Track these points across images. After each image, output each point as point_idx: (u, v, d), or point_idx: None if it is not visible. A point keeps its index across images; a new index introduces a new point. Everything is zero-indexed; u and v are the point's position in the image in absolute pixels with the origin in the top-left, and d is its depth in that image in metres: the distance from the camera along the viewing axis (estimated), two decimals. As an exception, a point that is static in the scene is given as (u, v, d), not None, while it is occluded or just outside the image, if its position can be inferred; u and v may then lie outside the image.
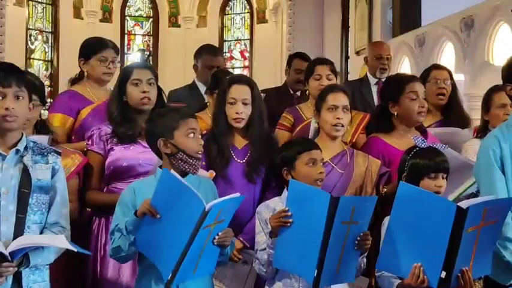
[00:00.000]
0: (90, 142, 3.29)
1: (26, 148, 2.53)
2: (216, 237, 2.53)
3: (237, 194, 2.55)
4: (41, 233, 2.52)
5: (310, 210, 2.58)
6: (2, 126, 2.48)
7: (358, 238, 2.62)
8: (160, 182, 2.52)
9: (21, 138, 2.54)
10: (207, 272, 2.66)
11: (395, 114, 3.47)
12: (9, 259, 2.32)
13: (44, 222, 2.54)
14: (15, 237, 2.40)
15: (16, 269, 2.38)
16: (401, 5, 10.07)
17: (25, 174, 2.49)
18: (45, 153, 2.59)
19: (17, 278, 2.45)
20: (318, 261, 2.55)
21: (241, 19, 15.72)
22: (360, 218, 2.60)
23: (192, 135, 2.72)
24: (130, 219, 2.57)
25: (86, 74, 3.89)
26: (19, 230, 2.44)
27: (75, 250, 2.41)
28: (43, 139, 2.91)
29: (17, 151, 2.51)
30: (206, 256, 2.55)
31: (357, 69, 9.32)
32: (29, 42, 14.31)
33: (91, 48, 3.89)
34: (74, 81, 3.96)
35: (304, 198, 2.61)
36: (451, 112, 4.03)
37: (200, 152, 2.73)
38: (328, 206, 2.50)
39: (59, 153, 2.66)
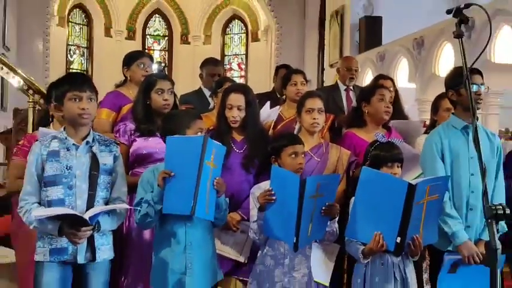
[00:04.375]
0: (117, 135, 3.28)
1: (93, 140, 2.58)
2: (215, 180, 2.58)
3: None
4: (107, 205, 2.56)
5: (287, 189, 2.60)
6: (78, 122, 2.53)
7: (324, 207, 2.64)
8: (167, 147, 2.55)
9: (89, 132, 2.59)
10: (212, 217, 2.64)
11: (367, 112, 3.51)
12: (89, 223, 2.37)
13: (108, 198, 2.58)
14: (87, 210, 2.44)
15: (92, 232, 2.43)
16: (366, 28, 10.11)
17: (94, 160, 2.54)
18: (108, 144, 2.63)
19: (90, 241, 2.50)
20: (296, 230, 2.57)
21: (239, 38, 15.72)
22: (324, 191, 2.62)
23: (199, 133, 2.75)
24: (155, 191, 2.59)
25: (128, 78, 3.91)
26: (90, 204, 2.49)
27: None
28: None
29: (87, 142, 2.55)
30: (211, 197, 2.57)
31: (330, 79, 9.34)
32: (68, 55, 14.30)
33: (132, 57, 3.94)
34: (118, 86, 3.99)
35: (283, 181, 2.64)
36: (394, 112, 4.01)
37: None
38: (298, 186, 2.54)
39: (118, 144, 2.73)
